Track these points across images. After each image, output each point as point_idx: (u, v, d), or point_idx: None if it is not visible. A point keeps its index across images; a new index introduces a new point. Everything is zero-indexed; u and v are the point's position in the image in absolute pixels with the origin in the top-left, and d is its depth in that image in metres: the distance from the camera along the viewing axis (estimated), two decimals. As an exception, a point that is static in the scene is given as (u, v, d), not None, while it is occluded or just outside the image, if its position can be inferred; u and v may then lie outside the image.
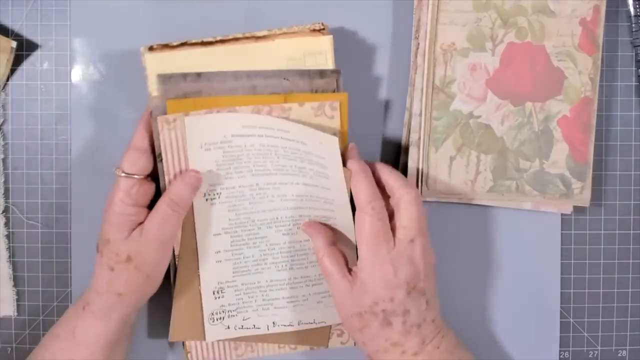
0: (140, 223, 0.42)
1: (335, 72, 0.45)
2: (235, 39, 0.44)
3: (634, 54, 0.50)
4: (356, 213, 0.42)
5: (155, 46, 0.44)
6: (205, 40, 0.44)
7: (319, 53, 0.45)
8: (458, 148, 0.47)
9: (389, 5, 0.49)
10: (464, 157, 0.47)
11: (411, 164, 0.47)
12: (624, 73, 0.51)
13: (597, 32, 0.48)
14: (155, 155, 0.43)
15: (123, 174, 0.42)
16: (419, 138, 0.47)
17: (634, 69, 0.51)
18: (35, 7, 0.49)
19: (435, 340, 0.42)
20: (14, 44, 0.47)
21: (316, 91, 0.44)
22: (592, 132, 0.48)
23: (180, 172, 0.43)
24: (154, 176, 0.44)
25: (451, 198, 0.48)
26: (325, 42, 0.45)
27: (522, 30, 0.47)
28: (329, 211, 0.44)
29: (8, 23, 0.48)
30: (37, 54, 0.49)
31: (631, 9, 0.50)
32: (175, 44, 0.44)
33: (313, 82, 0.44)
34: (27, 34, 0.49)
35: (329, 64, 0.45)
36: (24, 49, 0.48)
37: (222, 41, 0.44)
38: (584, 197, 0.48)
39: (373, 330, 0.41)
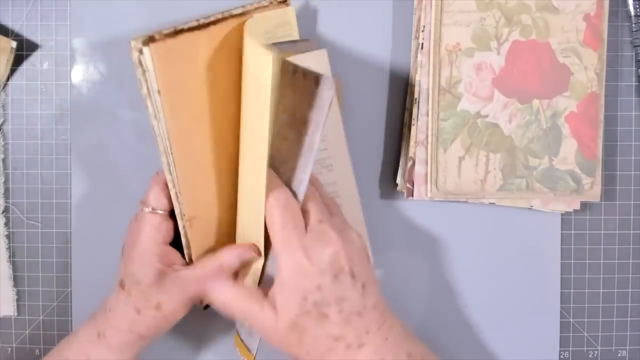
0: (164, 263, 0.41)
1: (308, 40, 0.46)
2: (221, 20, 0.43)
3: (634, 54, 0.50)
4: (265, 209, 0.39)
5: (157, 36, 0.38)
6: (202, 22, 0.42)
7: (285, 24, 0.45)
8: (467, 148, 0.47)
9: (389, 5, 0.49)
10: (472, 156, 0.47)
11: (419, 164, 0.47)
12: (624, 73, 0.51)
13: (602, 27, 0.48)
14: None
15: (149, 210, 0.41)
16: (426, 138, 0.47)
17: (634, 69, 0.50)
18: (35, 7, 0.49)
19: (382, 330, 0.38)
20: (14, 44, 0.47)
21: None
22: (600, 128, 0.48)
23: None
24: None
25: (461, 198, 0.48)
26: (290, 13, 0.46)
27: (526, 28, 0.47)
28: (323, 150, 0.46)
29: (8, 23, 0.48)
30: (37, 54, 0.49)
31: (631, 9, 0.50)
32: (167, 32, 0.39)
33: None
34: (27, 34, 0.48)
35: (294, 33, 0.46)
36: (24, 49, 0.48)
37: (215, 22, 0.43)
38: (594, 193, 0.48)
39: (311, 332, 0.37)
